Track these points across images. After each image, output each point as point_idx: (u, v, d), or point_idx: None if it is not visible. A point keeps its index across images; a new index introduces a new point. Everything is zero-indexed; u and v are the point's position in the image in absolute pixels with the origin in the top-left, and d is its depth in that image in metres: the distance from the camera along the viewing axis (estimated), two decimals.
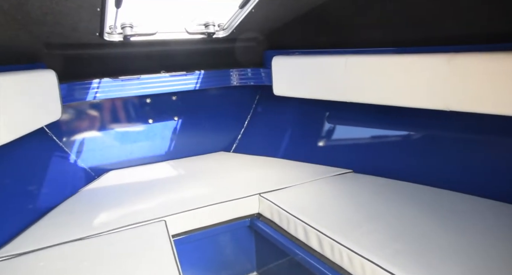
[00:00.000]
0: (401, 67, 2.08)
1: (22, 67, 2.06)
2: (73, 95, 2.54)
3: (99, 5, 2.00)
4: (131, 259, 1.61)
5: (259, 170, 2.71)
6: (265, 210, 2.18)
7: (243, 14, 2.48)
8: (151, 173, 2.76)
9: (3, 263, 1.62)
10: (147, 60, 2.85)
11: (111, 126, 2.92)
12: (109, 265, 1.58)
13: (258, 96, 3.35)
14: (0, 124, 1.61)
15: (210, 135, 3.25)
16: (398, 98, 2.15)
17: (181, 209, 2.07)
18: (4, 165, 2.01)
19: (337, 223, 1.81)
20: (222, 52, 3.06)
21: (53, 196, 2.29)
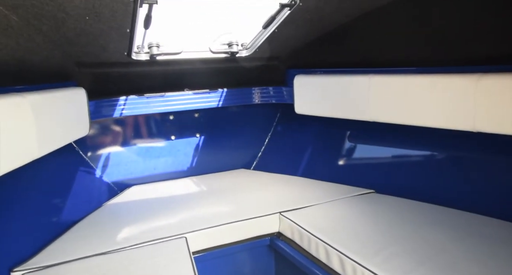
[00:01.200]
0: (426, 87, 2.06)
1: (55, 85, 2.16)
2: (101, 111, 2.63)
3: (129, 26, 2.08)
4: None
5: (279, 188, 2.70)
6: (285, 229, 2.16)
7: (266, 34, 2.53)
8: (173, 189, 2.79)
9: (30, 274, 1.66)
10: (171, 78, 2.93)
11: (134, 142, 3.00)
12: None
13: (279, 114, 3.37)
14: (34, 140, 1.68)
15: (231, 152, 3.28)
16: (423, 118, 2.12)
17: (202, 226, 2.08)
18: (34, 179, 2.08)
19: (360, 244, 1.77)
20: (244, 70, 3.11)
21: (79, 210, 2.34)
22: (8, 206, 1.83)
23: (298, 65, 3.06)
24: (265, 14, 2.56)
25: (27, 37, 1.78)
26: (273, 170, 3.13)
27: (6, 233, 1.76)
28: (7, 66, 1.79)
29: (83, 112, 2.34)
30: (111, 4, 1.77)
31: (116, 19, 1.95)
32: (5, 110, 1.50)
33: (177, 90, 2.90)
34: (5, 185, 1.77)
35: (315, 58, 2.94)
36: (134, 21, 2.04)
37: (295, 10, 2.15)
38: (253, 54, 2.83)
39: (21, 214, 1.91)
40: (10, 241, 1.76)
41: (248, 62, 3.00)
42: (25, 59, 1.90)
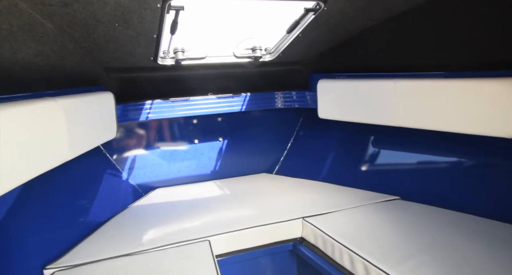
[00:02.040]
0: (455, 92, 2.01)
1: (85, 90, 2.23)
2: (127, 115, 2.70)
3: (156, 32, 2.13)
4: None
5: (302, 193, 2.68)
6: (308, 234, 2.14)
7: (290, 38, 2.53)
8: (195, 192, 2.82)
9: (61, 272, 1.72)
10: (195, 82, 2.97)
11: (159, 145, 3.05)
12: None
13: (301, 119, 3.36)
14: (65, 143, 1.74)
15: (254, 156, 3.28)
16: (451, 124, 2.06)
17: (225, 229, 2.09)
18: (63, 180, 2.15)
19: (386, 252, 1.73)
20: (267, 75, 3.12)
21: (105, 211, 2.40)
22: (41, 206, 1.89)
23: (321, 70, 3.04)
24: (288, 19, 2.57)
25: (61, 44, 1.85)
26: (295, 175, 3.11)
27: (39, 232, 1.83)
28: (42, 72, 1.86)
29: (111, 116, 2.40)
30: (139, 11, 1.82)
31: (144, 26, 2.00)
32: (40, 114, 1.56)
33: (201, 94, 2.94)
34: (38, 186, 1.83)
35: (338, 63, 2.91)
36: (161, 27, 2.09)
37: (320, 14, 2.15)
38: (277, 58, 2.83)
39: (52, 214, 1.97)
40: (42, 239, 1.83)
41: (271, 66, 3.01)
42: (58, 65, 1.98)
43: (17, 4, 1.36)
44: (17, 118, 1.42)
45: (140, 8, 1.79)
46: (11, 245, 1.68)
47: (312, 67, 3.09)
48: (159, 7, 1.82)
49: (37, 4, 1.45)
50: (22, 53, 1.62)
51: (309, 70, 3.11)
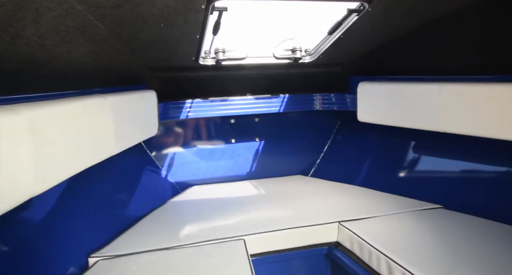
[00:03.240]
0: (506, 97, 1.89)
1: (130, 88, 2.33)
2: (168, 113, 2.78)
3: (199, 32, 2.18)
4: (213, 274, 1.67)
5: (338, 196, 2.64)
6: (344, 239, 2.10)
7: (331, 40, 2.50)
8: (231, 191, 2.85)
9: (104, 261, 1.80)
10: (234, 82, 3.01)
11: (197, 143, 3.12)
12: None
13: (339, 121, 3.30)
14: (112, 138, 1.82)
15: (289, 158, 3.27)
16: (501, 131, 1.94)
17: (260, 229, 2.10)
18: (108, 174, 2.25)
19: (426, 262, 1.66)
20: (306, 76, 3.10)
21: (144, 205, 2.49)
22: (87, 198, 1.99)
23: (361, 72, 2.98)
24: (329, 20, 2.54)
25: (110, 44, 1.94)
26: (331, 178, 3.06)
27: (85, 222, 1.93)
28: (92, 70, 1.96)
29: (153, 113, 2.49)
30: (184, 12, 1.87)
31: (188, 26, 2.06)
32: (90, 110, 1.65)
33: (239, 94, 2.97)
34: (85, 178, 1.93)
35: (380, 65, 2.84)
36: (204, 28, 2.13)
37: (363, 15, 2.10)
38: (316, 60, 2.81)
39: (97, 205, 2.07)
40: (88, 229, 1.92)
41: (310, 68, 2.99)
42: (106, 64, 2.08)
43: (74, 7, 1.44)
44: (71, 113, 1.50)
45: (185, 9, 1.84)
46: (59, 234, 1.78)
47: (352, 69, 3.03)
48: (203, 8, 1.86)
49: (92, 6, 1.53)
50: (76, 53, 1.72)
51: (349, 72, 3.06)
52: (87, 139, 1.60)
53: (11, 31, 1.19)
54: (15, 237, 1.52)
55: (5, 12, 1.08)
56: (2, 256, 1.43)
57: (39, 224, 1.69)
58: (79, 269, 1.78)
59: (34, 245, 1.63)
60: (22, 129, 1.17)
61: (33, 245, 1.62)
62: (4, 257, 1.44)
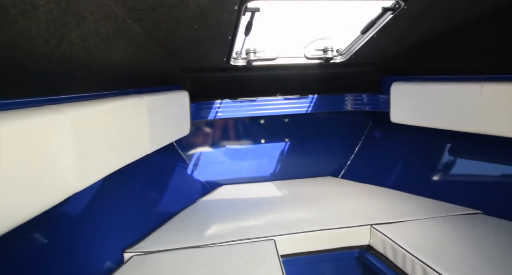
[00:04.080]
0: None
1: (164, 88, 2.38)
2: (199, 113, 2.82)
3: (231, 33, 2.20)
4: (243, 273, 1.68)
5: (369, 198, 2.58)
6: (376, 242, 2.05)
7: (364, 39, 2.45)
8: (260, 191, 2.86)
9: (138, 257, 1.85)
10: (264, 83, 3.01)
11: (227, 143, 3.15)
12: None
13: (371, 122, 3.24)
14: (147, 137, 1.87)
15: (319, 159, 3.24)
16: None
17: (290, 230, 2.09)
18: (141, 173, 2.31)
19: (464, 270, 1.60)
20: (337, 77, 3.06)
21: (176, 204, 2.54)
22: (122, 195, 2.06)
23: (395, 72, 2.90)
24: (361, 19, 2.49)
25: (146, 46, 2.00)
26: (362, 180, 3.01)
27: (120, 218, 1.99)
28: (129, 72, 2.02)
29: (185, 113, 2.54)
30: (217, 13, 1.89)
31: (220, 27, 2.08)
32: (128, 109, 1.70)
33: (269, 95, 2.97)
34: (121, 176, 1.99)
35: (414, 64, 2.76)
36: (236, 29, 2.15)
37: (399, 13, 2.05)
38: (348, 60, 2.77)
39: (131, 202, 2.14)
40: (123, 225, 1.99)
41: (341, 68, 2.95)
42: (142, 65, 2.14)
43: (114, 10, 1.49)
44: (110, 113, 1.56)
45: (218, 11, 1.86)
46: (97, 229, 1.85)
47: (385, 69, 2.96)
48: (236, 9, 1.87)
49: (130, 9, 1.58)
50: (114, 55, 1.78)
51: (382, 72, 2.99)
52: (125, 137, 1.65)
53: (57, 35, 1.24)
54: (57, 230, 1.60)
55: (52, 18, 1.14)
56: (44, 248, 1.50)
57: (79, 218, 1.77)
58: (115, 263, 1.84)
59: (74, 239, 1.70)
60: (66, 128, 1.23)
61: (73, 238, 1.69)
62: (47, 249, 1.51)
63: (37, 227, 1.44)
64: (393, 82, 2.71)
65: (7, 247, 1.25)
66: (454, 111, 2.27)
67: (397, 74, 2.86)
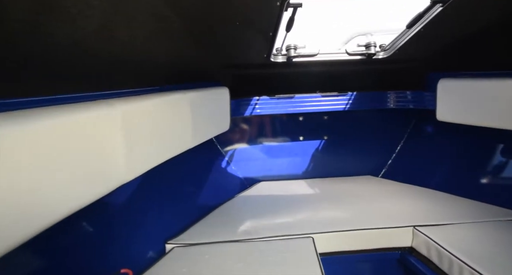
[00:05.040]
0: None
1: (205, 84, 2.43)
2: (238, 110, 2.85)
3: (272, 30, 2.20)
4: (282, 270, 1.68)
5: (411, 199, 2.49)
6: (420, 245, 1.98)
7: (410, 34, 2.36)
8: (298, 188, 2.84)
9: (179, 248, 1.91)
10: (304, 79, 2.99)
11: (265, 140, 3.16)
12: (261, 271, 1.67)
13: (414, 120, 3.12)
14: (190, 132, 1.92)
15: (358, 157, 3.17)
16: None
17: (329, 228, 2.07)
18: (182, 167, 2.37)
19: None
20: (379, 73, 2.97)
21: (215, 198, 2.59)
22: (164, 188, 2.13)
23: (442, 68, 2.77)
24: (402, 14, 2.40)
25: (187, 43, 2.04)
26: (404, 180, 2.90)
27: (162, 210, 2.06)
28: (172, 68, 2.08)
29: (226, 110, 2.57)
30: (259, 9, 1.89)
31: (262, 24, 2.08)
32: (172, 105, 1.75)
33: (309, 91, 2.94)
34: (162, 170, 2.05)
35: (464, 60, 2.61)
36: (277, 25, 2.14)
37: (449, 6, 1.95)
38: (391, 56, 2.67)
39: (172, 196, 2.20)
40: (164, 217, 2.06)
41: (384, 64, 2.85)
42: (183, 62, 2.19)
43: (160, 9, 1.53)
44: (155, 108, 1.61)
45: (260, 7, 1.86)
46: (140, 219, 1.92)
47: (431, 65, 2.83)
48: (278, 5, 1.87)
49: (175, 7, 1.62)
50: (159, 52, 1.83)
51: (428, 68, 2.86)
52: (169, 131, 1.71)
53: (108, 33, 1.30)
54: (103, 220, 1.68)
55: (105, 17, 1.19)
56: (92, 236, 1.59)
57: (124, 209, 1.85)
58: (157, 254, 1.91)
59: (119, 228, 1.78)
60: (117, 121, 1.28)
61: (118, 228, 1.77)
62: (94, 237, 1.60)
63: (86, 217, 1.52)
64: (441, 79, 2.58)
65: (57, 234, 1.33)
66: (508, 109, 2.13)
67: (444, 70, 2.73)
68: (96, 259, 1.56)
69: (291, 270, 1.67)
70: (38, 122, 0.97)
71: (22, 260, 1.23)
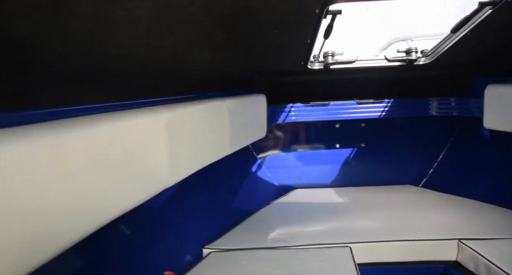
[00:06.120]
0: None
1: (242, 92, 2.46)
2: (275, 117, 2.87)
3: (310, 37, 2.19)
4: None
5: (455, 211, 2.38)
6: (466, 259, 1.88)
7: (455, 38, 2.27)
8: (334, 197, 2.80)
9: (216, 253, 1.93)
10: (341, 86, 2.95)
11: (300, 147, 3.14)
12: None
13: (458, 128, 2.98)
14: (228, 139, 1.95)
15: (398, 166, 3.08)
16: None
17: (367, 238, 2.01)
18: (219, 173, 2.40)
19: None
20: (420, 79, 2.88)
21: (250, 205, 2.60)
22: (202, 194, 2.17)
23: (489, 73, 2.64)
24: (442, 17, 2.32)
25: (227, 51, 2.08)
26: (446, 190, 2.78)
27: (199, 215, 2.10)
28: (210, 75, 2.13)
29: (262, 117, 2.59)
30: (297, 17, 1.90)
31: (300, 31, 2.08)
32: (211, 112, 1.79)
33: (346, 99, 2.90)
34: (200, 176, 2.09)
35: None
36: (315, 32, 2.14)
37: (499, 8, 1.86)
38: (434, 61, 2.58)
39: (209, 201, 2.24)
40: (201, 223, 2.09)
41: (425, 70, 2.76)
42: (222, 69, 2.23)
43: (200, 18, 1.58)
44: (196, 115, 1.66)
45: (299, 15, 1.87)
46: (178, 224, 1.97)
47: (478, 71, 2.70)
48: (317, 12, 1.86)
49: (215, 16, 1.66)
50: (199, 60, 1.89)
51: (472, 74, 2.74)
52: (208, 138, 1.74)
53: (153, 43, 1.36)
54: (144, 224, 1.74)
55: (151, 29, 1.24)
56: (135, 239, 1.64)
57: (163, 214, 1.90)
58: (194, 258, 1.94)
59: (158, 232, 1.83)
60: (161, 127, 1.33)
61: (157, 232, 1.82)
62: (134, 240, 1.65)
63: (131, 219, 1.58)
64: (488, 85, 2.46)
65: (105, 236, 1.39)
66: None
67: (491, 75, 2.60)
68: (141, 260, 1.62)
69: None
70: (92, 129, 1.03)
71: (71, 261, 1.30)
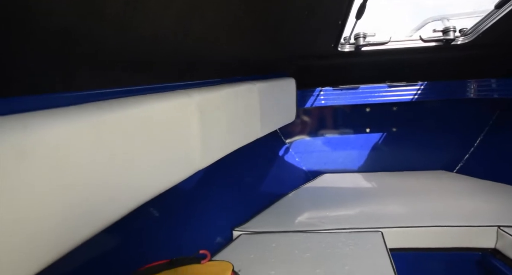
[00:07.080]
0: None
1: (272, 76, 2.44)
2: (304, 101, 2.83)
3: (341, 18, 2.13)
4: (350, 263, 1.64)
5: (494, 197, 2.29)
6: (506, 247, 1.81)
7: (499, 15, 2.13)
8: (364, 182, 2.76)
9: (246, 236, 1.96)
10: (373, 69, 2.87)
11: (329, 132, 3.10)
12: (329, 262, 1.66)
13: (498, 111, 2.84)
14: (258, 122, 1.95)
15: (431, 151, 2.98)
16: None
17: (400, 223, 1.98)
18: (248, 157, 2.41)
19: None
20: (456, 60, 2.75)
21: (279, 189, 2.61)
22: (232, 177, 2.20)
23: None
24: None
25: (256, 36, 2.06)
26: (484, 176, 2.67)
27: (228, 198, 2.13)
28: (242, 60, 2.12)
29: (292, 101, 2.57)
30: None
31: (331, 12, 2.03)
32: (243, 95, 1.79)
33: (378, 81, 2.82)
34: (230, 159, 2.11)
35: None
36: (347, 12, 2.07)
37: None
38: (474, 41, 2.45)
39: (239, 185, 2.27)
40: (231, 205, 2.12)
41: (463, 50, 2.63)
42: (253, 54, 2.22)
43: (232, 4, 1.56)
44: (227, 98, 1.66)
45: None
46: (209, 206, 2.01)
47: None
48: None
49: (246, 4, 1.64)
50: (229, 45, 1.87)
51: None
52: (240, 121, 1.75)
53: (184, 29, 1.36)
54: (179, 204, 1.79)
55: (181, 14, 1.24)
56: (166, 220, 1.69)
57: (194, 195, 1.94)
58: (225, 239, 1.98)
59: (190, 213, 1.88)
60: (194, 110, 1.35)
61: (189, 213, 1.87)
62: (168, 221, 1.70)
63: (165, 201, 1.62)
64: None
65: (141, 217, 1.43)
66: None
67: None
68: (173, 241, 1.67)
69: (360, 263, 1.64)
70: (127, 111, 1.05)
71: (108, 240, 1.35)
